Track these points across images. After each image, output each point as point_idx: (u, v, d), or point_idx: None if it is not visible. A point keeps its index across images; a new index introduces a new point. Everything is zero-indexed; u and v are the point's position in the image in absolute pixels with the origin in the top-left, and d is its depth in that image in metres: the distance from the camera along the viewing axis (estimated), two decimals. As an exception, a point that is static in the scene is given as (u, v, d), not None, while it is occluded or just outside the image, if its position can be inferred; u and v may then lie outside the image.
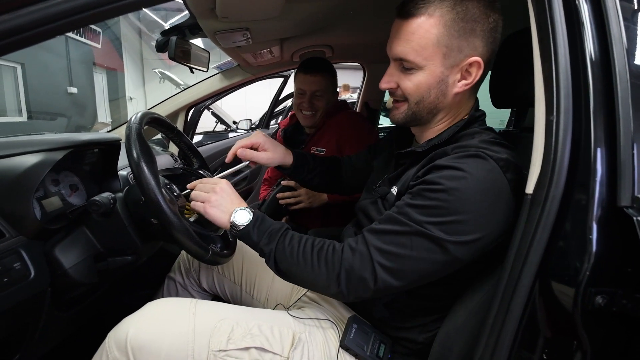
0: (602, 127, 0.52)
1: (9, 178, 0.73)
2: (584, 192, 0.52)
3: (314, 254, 0.69)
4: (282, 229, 0.73)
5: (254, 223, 0.73)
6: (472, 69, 0.67)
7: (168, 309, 0.70)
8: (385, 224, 0.66)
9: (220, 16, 0.96)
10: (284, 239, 0.72)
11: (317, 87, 1.43)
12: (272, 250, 0.71)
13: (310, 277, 0.69)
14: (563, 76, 0.55)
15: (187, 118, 1.80)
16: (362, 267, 0.64)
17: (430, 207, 0.62)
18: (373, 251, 0.64)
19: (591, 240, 0.50)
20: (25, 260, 0.71)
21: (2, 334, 0.70)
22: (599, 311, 0.49)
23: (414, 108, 0.71)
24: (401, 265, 0.63)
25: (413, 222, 0.62)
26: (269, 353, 0.68)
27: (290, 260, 0.70)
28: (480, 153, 0.62)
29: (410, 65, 0.67)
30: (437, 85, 0.68)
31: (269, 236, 0.72)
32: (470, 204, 0.60)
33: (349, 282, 0.65)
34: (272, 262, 0.71)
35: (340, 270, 0.66)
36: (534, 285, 0.54)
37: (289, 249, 0.70)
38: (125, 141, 0.74)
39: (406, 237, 0.62)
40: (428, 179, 0.64)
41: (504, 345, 0.55)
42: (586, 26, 0.55)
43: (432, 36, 0.64)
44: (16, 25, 0.52)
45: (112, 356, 0.64)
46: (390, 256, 0.63)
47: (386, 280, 0.63)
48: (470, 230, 0.60)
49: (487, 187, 0.61)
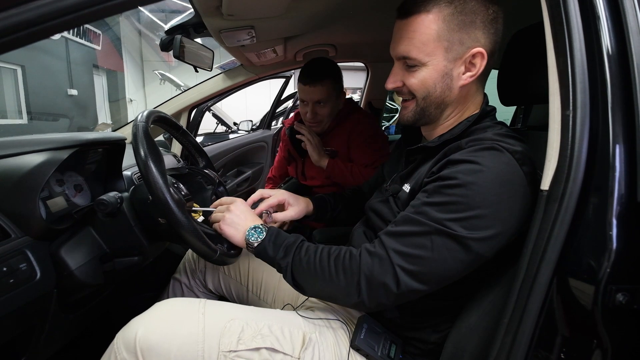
0: (621, 123, 0.51)
1: (14, 177, 0.72)
2: (602, 187, 0.51)
3: (330, 263, 0.67)
4: (298, 242, 0.74)
5: (269, 238, 0.74)
6: (475, 60, 0.67)
7: (177, 309, 0.69)
8: (402, 226, 0.64)
9: (226, 14, 0.96)
10: (300, 250, 0.72)
11: (317, 97, 1.38)
12: (289, 263, 0.71)
13: (329, 287, 0.67)
14: (579, 70, 0.54)
15: (189, 118, 1.79)
16: (382, 272, 0.62)
17: (448, 204, 0.60)
18: (392, 254, 0.62)
19: (611, 236, 0.49)
20: (31, 261, 0.70)
21: (8, 336, 0.68)
22: (620, 309, 0.48)
23: (422, 104, 0.72)
24: (423, 268, 0.61)
25: (432, 220, 0.61)
26: (280, 354, 0.67)
27: (308, 272, 0.69)
28: (496, 145, 0.62)
29: (413, 62, 0.68)
30: (442, 79, 0.68)
31: (284, 250, 0.72)
32: (489, 198, 0.59)
33: (369, 289, 0.63)
34: (290, 276, 0.71)
35: (360, 278, 0.64)
36: (552, 283, 0.53)
37: (306, 259, 0.70)
38: (132, 140, 0.73)
39: (426, 237, 0.61)
40: (444, 175, 0.63)
41: (521, 345, 0.54)
42: (602, 19, 0.54)
43: (432, 32, 0.65)
44: (9, 24, 0.51)
45: (120, 357, 0.63)
46: (411, 259, 0.61)
47: (409, 284, 0.61)
48: (490, 225, 0.59)
49: (505, 179, 0.60)
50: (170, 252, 1.28)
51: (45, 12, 0.53)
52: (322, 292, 0.70)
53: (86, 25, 7.07)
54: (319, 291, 0.71)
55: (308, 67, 1.39)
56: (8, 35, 0.52)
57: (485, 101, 0.75)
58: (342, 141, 1.47)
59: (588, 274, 0.50)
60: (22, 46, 0.55)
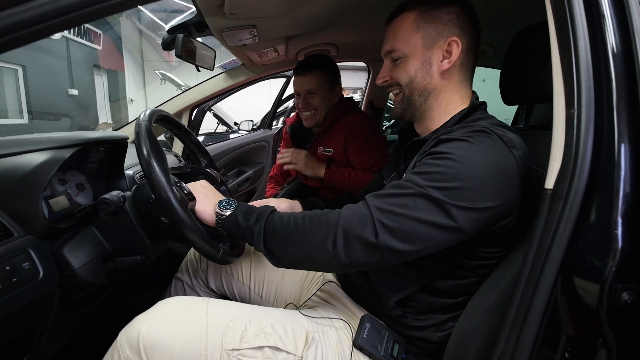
0: (626, 121, 0.51)
1: (16, 176, 0.71)
2: (607, 186, 0.50)
3: (305, 221, 0.67)
4: (269, 209, 0.73)
5: (240, 209, 0.74)
6: (451, 49, 0.74)
7: (180, 307, 0.69)
8: (388, 189, 0.66)
9: (228, 13, 0.96)
10: (273, 215, 0.71)
11: (308, 86, 1.42)
12: (262, 228, 0.69)
13: (303, 246, 0.65)
14: (584, 69, 0.54)
15: (190, 118, 1.79)
16: (361, 225, 0.62)
17: (434, 173, 0.62)
18: (374, 210, 0.63)
19: (616, 235, 0.48)
20: (34, 260, 0.70)
21: (11, 335, 0.68)
22: (626, 308, 0.48)
23: (406, 92, 0.78)
24: (403, 225, 0.61)
25: (417, 185, 0.62)
26: (283, 352, 0.67)
27: (282, 234, 0.68)
28: (486, 129, 0.65)
29: (397, 55, 0.77)
30: (422, 66, 0.76)
31: (256, 217, 0.71)
32: (475, 172, 0.60)
33: (346, 241, 0.63)
34: (262, 242, 0.69)
35: (337, 230, 0.63)
36: (556, 282, 0.52)
37: (279, 222, 0.69)
38: (135, 138, 0.73)
39: (409, 198, 0.62)
40: (434, 150, 0.65)
41: (526, 344, 0.54)
42: (607, 18, 0.54)
43: (411, 26, 0.75)
44: (11, 22, 0.51)
45: (124, 355, 0.63)
46: (392, 215, 0.62)
47: (386, 241, 0.61)
48: (474, 198, 0.60)
49: (493, 158, 0.62)
50: (172, 252, 1.27)
51: (48, 11, 0.53)
52: (296, 253, 0.67)
53: (87, 25, 7.08)
54: (292, 253, 0.68)
55: (301, 62, 1.47)
56: (11, 34, 0.52)
57: (474, 96, 0.79)
58: (339, 141, 1.47)
59: (593, 273, 0.50)
60: (25, 44, 0.55)
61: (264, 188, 2.27)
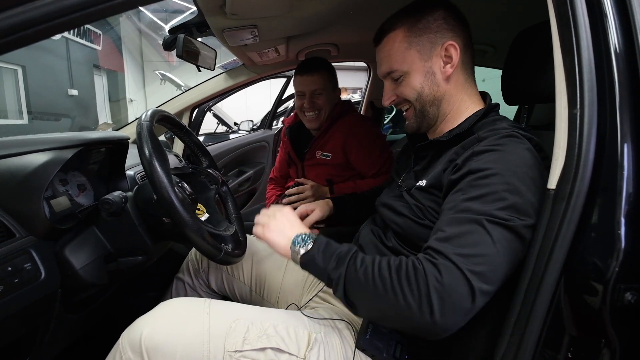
0: (629, 121, 0.51)
1: (18, 177, 0.71)
2: (610, 186, 0.50)
3: (392, 274, 0.59)
4: (352, 251, 0.66)
5: (317, 247, 0.67)
6: (450, 52, 0.73)
7: (182, 308, 0.69)
8: (451, 228, 0.59)
9: (229, 13, 0.96)
10: (355, 260, 0.63)
11: (315, 86, 1.42)
12: (342, 274, 0.62)
13: (390, 305, 0.58)
14: (586, 69, 0.54)
15: (191, 118, 1.79)
16: (453, 281, 0.54)
17: (489, 194, 0.59)
18: (457, 259, 0.55)
19: (619, 235, 0.48)
20: (36, 261, 0.70)
21: (13, 336, 0.68)
22: (629, 308, 0.48)
23: (418, 106, 0.78)
24: (490, 266, 0.56)
25: (480, 214, 0.57)
26: (285, 354, 0.67)
27: (365, 286, 0.60)
28: (514, 133, 0.65)
29: (397, 75, 0.77)
30: (426, 78, 0.75)
31: (337, 259, 0.65)
32: (524, 180, 0.59)
33: (442, 303, 0.54)
34: (342, 290, 0.63)
35: (431, 293, 0.54)
36: (559, 282, 0.53)
37: (362, 270, 0.61)
38: (137, 139, 0.73)
39: (482, 234, 0.56)
40: (474, 168, 0.62)
41: (529, 344, 0.54)
42: (609, 17, 0.54)
43: (403, 44, 0.75)
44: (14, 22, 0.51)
45: (125, 357, 0.63)
46: (479, 259, 0.55)
47: (482, 288, 0.55)
48: (531, 208, 0.58)
49: (530, 163, 0.61)
50: (173, 252, 1.27)
51: (50, 11, 0.53)
52: (382, 310, 0.60)
53: (87, 25, 7.08)
54: (377, 309, 0.61)
55: (304, 62, 1.47)
56: (13, 34, 0.52)
57: (489, 97, 0.79)
58: (337, 143, 1.45)
59: (596, 273, 0.50)
60: (27, 45, 0.55)
61: (264, 188, 2.27)
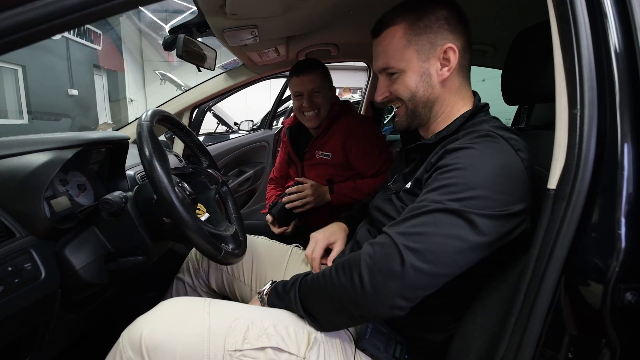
0: (629, 121, 0.51)
1: (18, 177, 0.71)
2: (610, 186, 0.50)
3: (332, 269, 0.67)
4: (301, 275, 0.75)
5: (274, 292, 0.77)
6: (448, 55, 0.72)
7: (182, 308, 0.69)
8: (405, 214, 0.64)
9: (230, 13, 0.96)
10: (306, 276, 0.74)
11: (312, 85, 1.42)
12: (296, 291, 0.72)
13: (332, 294, 0.66)
14: (586, 69, 0.53)
15: (191, 118, 1.79)
16: (385, 256, 0.60)
17: (447, 186, 0.61)
18: (396, 236, 0.61)
19: (620, 235, 0.48)
20: (36, 261, 0.70)
21: (13, 336, 0.68)
22: (629, 308, 0.48)
23: (410, 106, 0.77)
24: (428, 245, 0.59)
25: (433, 201, 0.61)
26: (285, 353, 0.67)
27: (313, 288, 0.70)
28: (490, 133, 0.65)
29: (393, 71, 0.75)
30: (421, 79, 0.74)
31: (292, 281, 0.76)
32: (488, 179, 0.60)
33: (372, 277, 0.60)
34: (299, 306, 0.71)
35: (361, 268, 0.61)
36: (560, 283, 0.52)
37: (310, 279, 0.72)
38: (137, 139, 0.73)
39: (428, 215, 0.60)
40: (441, 164, 0.65)
41: (529, 345, 0.54)
42: (609, 17, 0.54)
43: (402, 41, 0.73)
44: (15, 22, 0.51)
45: (126, 356, 0.63)
46: (416, 236, 0.60)
47: (415, 264, 0.58)
48: (491, 205, 0.59)
49: (502, 163, 0.61)
50: (174, 252, 1.27)
51: (51, 11, 0.53)
52: (330, 307, 0.68)
53: (87, 25, 7.08)
54: (327, 307, 0.68)
55: (298, 63, 1.48)
56: (13, 34, 0.52)
57: (477, 98, 0.79)
58: (337, 143, 1.45)
59: (596, 273, 0.50)
60: (27, 45, 0.55)
61: (264, 188, 2.27)
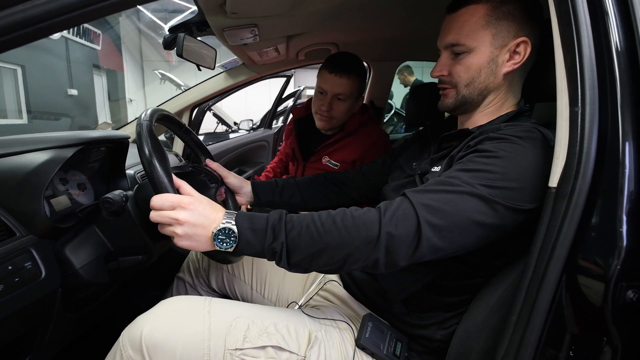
0: (630, 119, 0.51)
1: (18, 176, 0.71)
2: (612, 185, 0.50)
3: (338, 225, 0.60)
4: (283, 216, 0.63)
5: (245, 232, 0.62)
6: (519, 49, 0.70)
7: (182, 307, 0.69)
8: (432, 186, 0.62)
9: (230, 12, 0.95)
10: (292, 223, 0.62)
11: (341, 89, 1.25)
12: (284, 243, 0.60)
13: (341, 253, 0.59)
14: (588, 67, 0.53)
15: (191, 117, 1.79)
16: (406, 226, 0.58)
17: (483, 171, 0.60)
18: (419, 207, 0.59)
19: (621, 233, 0.48)
20: (36, 260, 0.70)
21: (13, 335, 0.68)
22: (631, 306, 0.48)
23: (463, 91, 0.74)
24: (449, 224, 0.58)
25: (466, 183, 0.59)
26: (286, 352, 0.67)
27: (310, 244, 0.60)
28: (535, 130, 0.64)
29: (461, 49, 0.71)
30: (487, 65, 0.71)
31: (272, 232, 0.61)
32: (525, 174, 0.59)
33: (390, 244, 0.58)
34: (285, 258, 0.61)
35: (381, 233, 0.58)
36: (561, 281, 0.52)
37: (306, 233, 0.60)
38: (136, 138, 0.72)
39: (457, 195, 0.59)
40: (481, 148, 0.63)
41: (530, 343, 0.54)
42: (610, 15, 0.54)
43: (481, 20, 0.69)
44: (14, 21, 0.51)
45: (126, 355, 0.63)
46: (440, 213, 0.58)
47: (430, 240, 0.58)
48: (522, 199, 0.59)
49: (542, 161, 0.60)
50: (174, 251, 1.27)
51: (49, 9, 0.52)
52: (331, 262, 0.61)
53: (86, 24, 7.07)
54: (327, 263, 0.61)
55: (338, 56, 1.28)
56: (12, 32, 0.52)
57: (522, 101, 0.76)
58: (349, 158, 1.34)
59: (598, 272, 0.50)
60: (25, 44, 0.55)
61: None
